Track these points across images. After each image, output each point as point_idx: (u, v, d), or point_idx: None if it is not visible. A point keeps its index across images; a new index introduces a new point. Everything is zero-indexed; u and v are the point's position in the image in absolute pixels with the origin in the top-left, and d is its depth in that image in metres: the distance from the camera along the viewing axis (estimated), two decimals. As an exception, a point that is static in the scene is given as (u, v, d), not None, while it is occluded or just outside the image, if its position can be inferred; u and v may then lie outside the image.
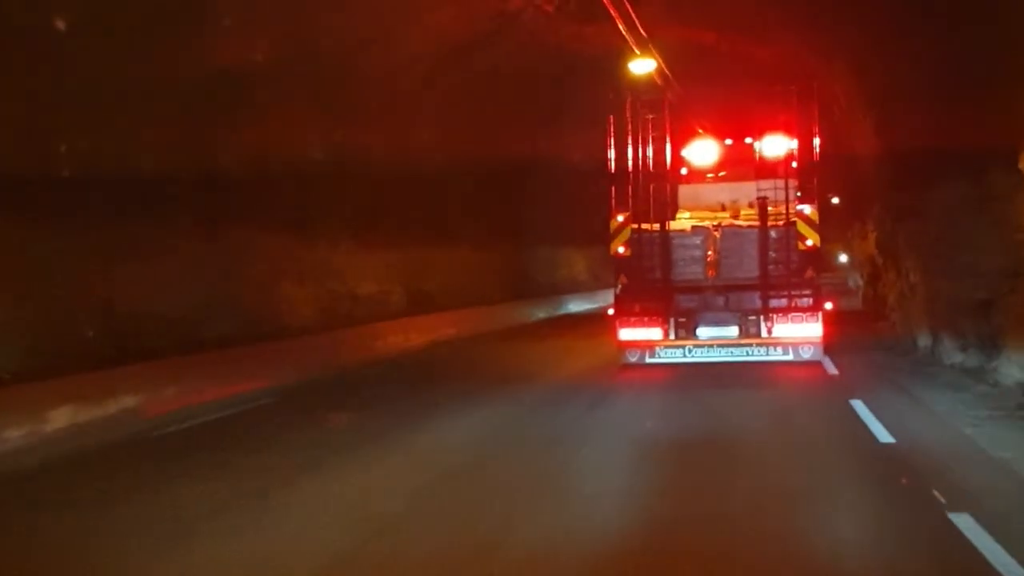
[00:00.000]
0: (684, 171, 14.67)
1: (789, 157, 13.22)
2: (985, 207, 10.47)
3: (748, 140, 14.15)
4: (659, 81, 17.05)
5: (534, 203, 24.70)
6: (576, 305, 28.20)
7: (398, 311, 18.43)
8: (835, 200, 24.80)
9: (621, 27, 15.10)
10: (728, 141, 14.60)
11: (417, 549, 5.36)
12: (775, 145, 13.50)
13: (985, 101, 9.84)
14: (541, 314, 25.10)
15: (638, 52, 16.21)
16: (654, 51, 16.36)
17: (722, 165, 14.61)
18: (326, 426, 9.42)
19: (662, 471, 7.24)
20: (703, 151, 14.52)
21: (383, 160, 17.21)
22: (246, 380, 11.14)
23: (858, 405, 9.46)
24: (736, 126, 14.66)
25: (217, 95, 12.56)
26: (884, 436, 7.98)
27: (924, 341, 12.84)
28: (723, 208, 14.36)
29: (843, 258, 36.44)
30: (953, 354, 11.52)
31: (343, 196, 16.50)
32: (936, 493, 6.06)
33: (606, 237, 13.55)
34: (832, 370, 12.35)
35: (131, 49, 10.63)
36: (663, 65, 16.94)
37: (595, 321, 20.38)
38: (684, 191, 14.71)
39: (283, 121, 14.37)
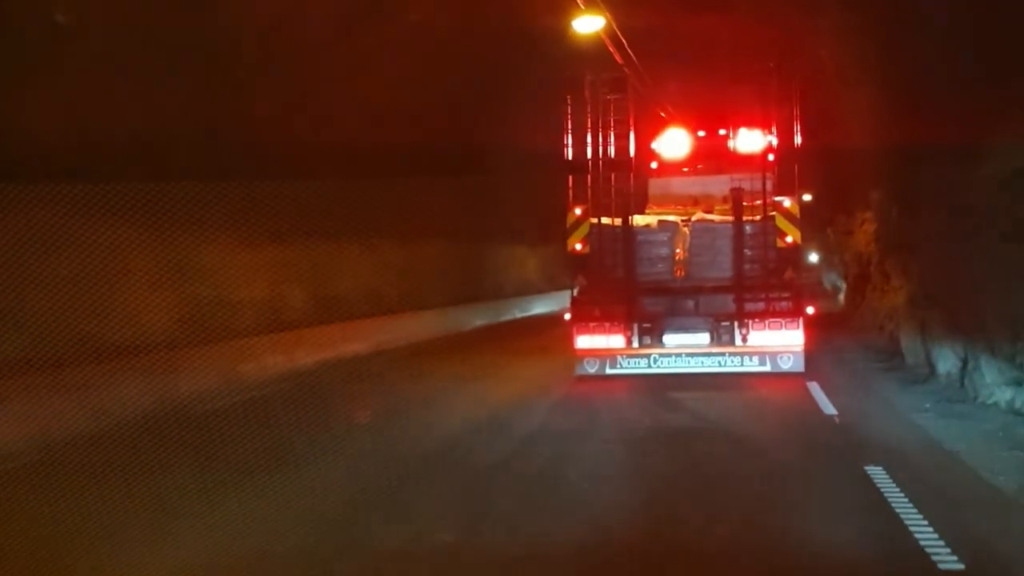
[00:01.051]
0: (654, 165, 13.69)
1: (767, 146, 11.95)
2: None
3: (722, 132, 13.12)
4: (619, 59, 14.36)
5: (478, 193, 21.53)
6: (524, 310, 25.15)
7: (295, 320, 15.07)
8: (807, 197, 22.61)
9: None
10: (701, 132, 13.62)
11: None
12: (752, 133, 12.34)
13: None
14: (480, 321, 21.86)
15: (582, 6, 13.34)
16: (603, 7, 13.52)
17: (694, 158, 13.63)
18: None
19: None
20: (673, 143, 13.43)
21: (277, 134, 13.91)
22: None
23: (880, 478, 6.28)
24: (708, 113, 13.74)
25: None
26: (942, 556, 4.74)
27: (947, 366, 9.72)
28: (695, 203, 13.41)
29: (813, 257, 34.91)
30: (996, 388, 8.37)
31: (218, 178, 13.12)
32: None
33: (562, 233, 12.27)
34: (828, 408, 9.29)
35: None
36: (618, 31, 14.02)
37: (544, 328, 17.87)
38: (653, 185, 13.82)
39: (130, 77, 11.16)
